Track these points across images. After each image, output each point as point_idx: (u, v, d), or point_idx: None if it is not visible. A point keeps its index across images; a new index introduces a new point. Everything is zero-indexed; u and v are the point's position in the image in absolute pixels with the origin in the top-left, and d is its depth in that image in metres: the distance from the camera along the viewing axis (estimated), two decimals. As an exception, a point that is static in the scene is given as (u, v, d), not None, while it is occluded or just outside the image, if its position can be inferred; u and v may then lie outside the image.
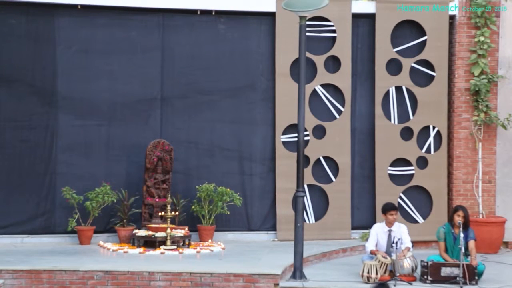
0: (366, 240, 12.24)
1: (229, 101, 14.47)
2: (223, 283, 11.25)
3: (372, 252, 11.76)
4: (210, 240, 13.88)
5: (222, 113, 14.45)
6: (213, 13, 14.34)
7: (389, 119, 14.73)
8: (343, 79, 14.61)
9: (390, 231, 11.89)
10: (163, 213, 13.45)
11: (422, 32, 14.74)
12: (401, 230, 11.91)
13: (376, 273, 11.38)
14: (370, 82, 14.79)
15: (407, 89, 14.75)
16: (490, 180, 14.70)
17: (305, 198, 12.96)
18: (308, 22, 12.24)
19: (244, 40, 14.51)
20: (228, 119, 14.47)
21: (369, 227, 12.74)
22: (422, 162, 14.77)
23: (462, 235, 11.42)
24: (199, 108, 14.37)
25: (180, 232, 13.38)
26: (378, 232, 11.94)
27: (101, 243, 13.51)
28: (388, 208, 11.96)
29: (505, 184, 14.77)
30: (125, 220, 13.76)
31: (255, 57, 14.54)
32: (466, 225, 11.69)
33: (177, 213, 13.66)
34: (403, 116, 14.80)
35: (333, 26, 14.55)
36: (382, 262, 11.48)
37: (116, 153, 14.13)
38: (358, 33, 14.78)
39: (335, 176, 14.60)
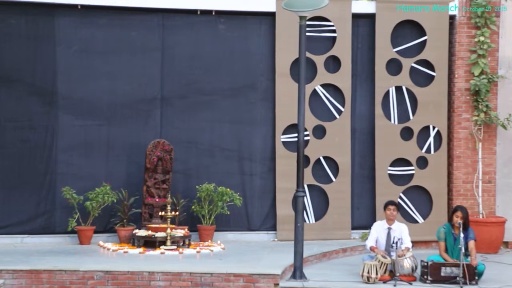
0: (366, 239, 12.26)
1: (229, 101, 14.47)
2: (223, 283, 11.26)
3: (371, 249, 11.78)
4: (210, 240, 13.88)
5: (222, 113, 14.45)
6: (213, 13, 14.34)
7: (389, 119, 14.73)
8: (343, 79, 14.61)
9: (389, 229, 11.91)
10: (163, 213, 13.45)
11: (422, 32, 14.74)
12: (401, 229, 11.93)
13: (376, 273, 11.37)
14: (370, 82, 14.79)
15: (407, 89, 14.75)
16: (490, 180, 14.71)
17: (305, 198, 12.96)
18: (308, 22, 12.25)
19: (244, 40, 14.51)
20: (228, 119, 14.47)
21: (369, 227, 12.77)
22: (422, 162, 14.77)
23: (462, 235, 11.42)
24: (199, 108, 14.37)
25: (180, 232, 13.37)
26: (378, 230, 11.97)
27: (101, 243, 13.50)
28: (387, 203, 12.01)
29: (505, 184, 14.77)
30: (125, 220, 13.76)
31: (255, 57, 14.54)
32: (465, 225, 11.69)
33: (177, 213, 13.65)
34: (403, 116, 14.80)
35: (333, 26, 14.55)
36: (382, 262, 11.48)
37: (116, 153, 14.13)
38: (358, 33, 14.78)
39: (335, 176, 14.60)
